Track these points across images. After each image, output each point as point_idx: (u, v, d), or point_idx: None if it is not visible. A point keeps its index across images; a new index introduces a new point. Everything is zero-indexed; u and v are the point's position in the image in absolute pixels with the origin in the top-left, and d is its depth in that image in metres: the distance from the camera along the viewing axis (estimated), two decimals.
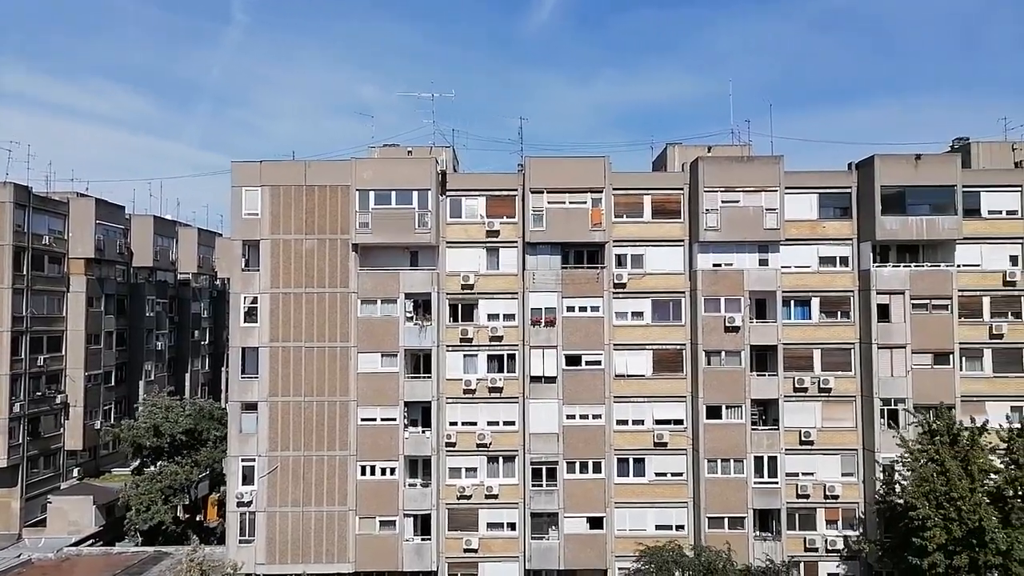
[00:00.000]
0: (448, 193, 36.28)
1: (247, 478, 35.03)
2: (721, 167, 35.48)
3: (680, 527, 35.44)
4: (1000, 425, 31.91)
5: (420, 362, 35.87)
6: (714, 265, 35.50)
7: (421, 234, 34.82)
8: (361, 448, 34.82)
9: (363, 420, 34.90)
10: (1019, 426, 31.58)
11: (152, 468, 44.94)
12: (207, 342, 67.40)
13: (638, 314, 36.10)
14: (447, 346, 35.85)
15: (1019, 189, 35.97)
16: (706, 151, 38.53)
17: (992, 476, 30.45)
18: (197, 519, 48.21)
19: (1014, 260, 35.88)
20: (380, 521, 34.68)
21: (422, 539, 34.96)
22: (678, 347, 36.02)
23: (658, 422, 35.84)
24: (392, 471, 34.80)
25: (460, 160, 42.52)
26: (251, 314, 35.33)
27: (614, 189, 35.87)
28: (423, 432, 35.33)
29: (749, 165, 35.83)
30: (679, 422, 35.82)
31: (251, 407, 35.23)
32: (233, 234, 36.06)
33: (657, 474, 35.80)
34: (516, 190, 36.14)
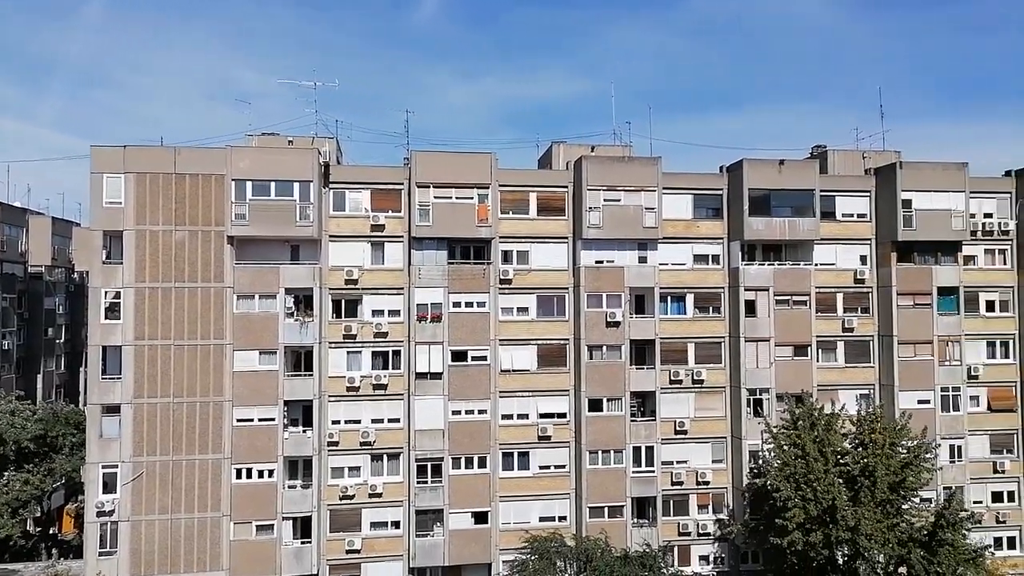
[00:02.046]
0: (331, 186, 35.24)
1: (109, 486, 32.59)
2: (603, 166, 36.49)
3: (563, 518, 36.23)
4: (849, 411, 34.74)
5: (301, 359, 34.66)
6: (596, 262, 36.47)
7: (302, 227, 33.62)
8: (237, 450, 33.23)
9: (239, 421, 33.32)
10: (867, 412, 34.56)
11: None
12: (63, 340, 61.98)
13: (523, 310, 36.54)
14: (330, 343, 34.86)
15: (868, 194, 39.27)
16: (589, 150, 39.49)
17: (844, 458, 33.11)
18: (51, 532, 44.40)
19: (863, 259, 39.16)
20: (257, 526, 33.26)
21: (302, 542, 33.83)
22: (562, 342, 36.77)
23: (542, 416, 36.44)
24: (270, 473, 33.44)
25: (344, 152, 41.41)
26: (113, 310, 32.89)
27: (501, 185, 36.08)
28: (304, 432, 34.19)
29: (630, 165, 37.06)
30: (563, 415, 36.58)
31: (113, 410, 32.82)
32: (93, 224, 33.37)
33: (541, 467, 36.40)
34: (402, 184, 35.62)
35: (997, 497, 39.63)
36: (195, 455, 33.04)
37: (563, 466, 36.51)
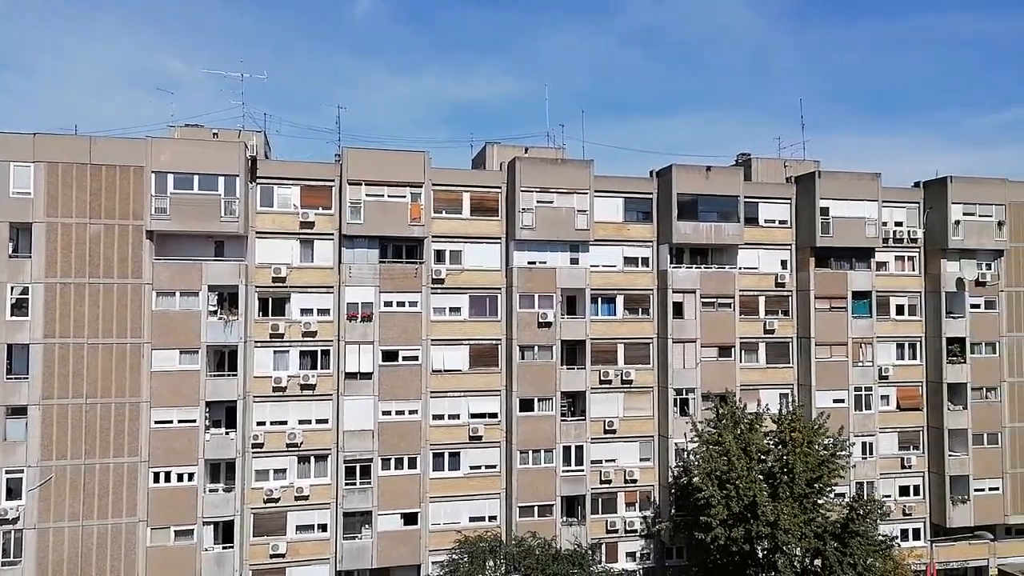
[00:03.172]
0: (259, 181, 34.30)
1: (13, 492, 30.77)
2: (537, 168, 36.75)
3: (493, 517, 36.25)
4: (770, 410, 36.00)
5: (225, 359, 33.59)
6: (529, 263, 36.69)
7: (227, 222, 32.60)
8: (155, 453, 31.92)
9: (157, 422, 32.02)
10: (787, 411, 35.88)
11: None
12: None
13: (456, 310, 36.42)
14: (255, 342, 33.90)
15: (789, 201, 40.85)
16: (523, 152, 39.72)
17: (763, 456, 34.27)
18: None
19: (784, 264, 40.70)
20: (176, 531, 32.01)
21: (223, 547, 32.76)
22: (494, 342, 36.82)
23: (474, 416, 36.39)
24: (190, 476, 32.25)
25: (273, 147, 40.41)
26: (20, 307, 31.12)
27: (434, 185, 35.88)
28: (227, 433, 33.13)
29: (563, 167, 37.45)
30: (494, 415, 36.62)
31: (19, 411, 31.04)
32: None
33: (472, 467, 36.34)
34: (333, 181, 34.98)
35: (904, 491, 41.82)
36: (109, 458, 31.56)
37: (494, 466, 36.54)
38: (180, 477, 32.19)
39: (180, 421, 32.27)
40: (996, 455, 41.78)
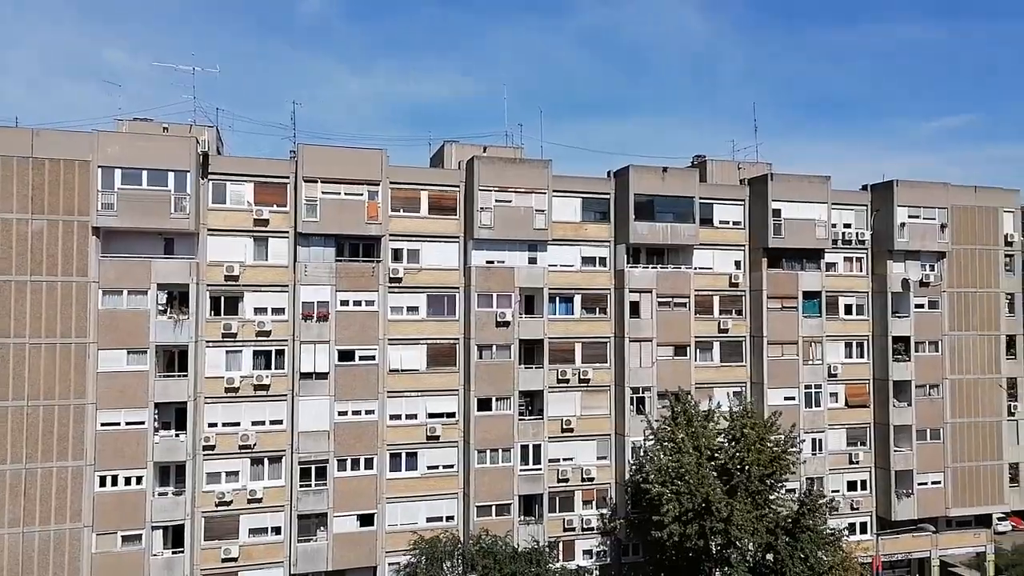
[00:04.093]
0: (211, 177, 33.54)
1: None
2: (495, 167, 36.73)
3: (450, 517, 36.11)
4: (723, 408, 36.65)
5: (175, 359, 32.76)
6: (487, 262, 36.64)
7: (178, 219, 31.80)
8: (101, 456, 30.94)
9: (104, 425, 31.05)
10: (740, 408, 36.54)
11: None
12: None
13: (413, 309, 36.17)
14: (207, 341, 33.14)
15: (743, 203, 41.63)
16: (482, 151, 39.65)
17: (716, 453, 34.84)
18: None
19: (738, 264, 41.46)
20: (123, 536, 31.08)
21: (173, 552, 31.95)
22: (452, 341, 36.67)
23: (431, 416, 36.19)
24: (139, 480, 31.35)
25: (226, 143, 39.60)
26: None
27: (391, 183, 35.58)
28: (177, 436, 32.30)
29: (521, 167, 37.50)
30: (451, 415, 36.47)
31: None
32: None
33: (429, 467, 36.13)
34: (288, 178, 34.41)
35: (852, 486, 43.00)
36: (52, 462, 30.49)
37: (451, 466, 36.39)
38: (128, 481, 31.27)
39: (128, 423, 31.35)
40: (938, 450, 43.25)
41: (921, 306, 43.09)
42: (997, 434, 44.76)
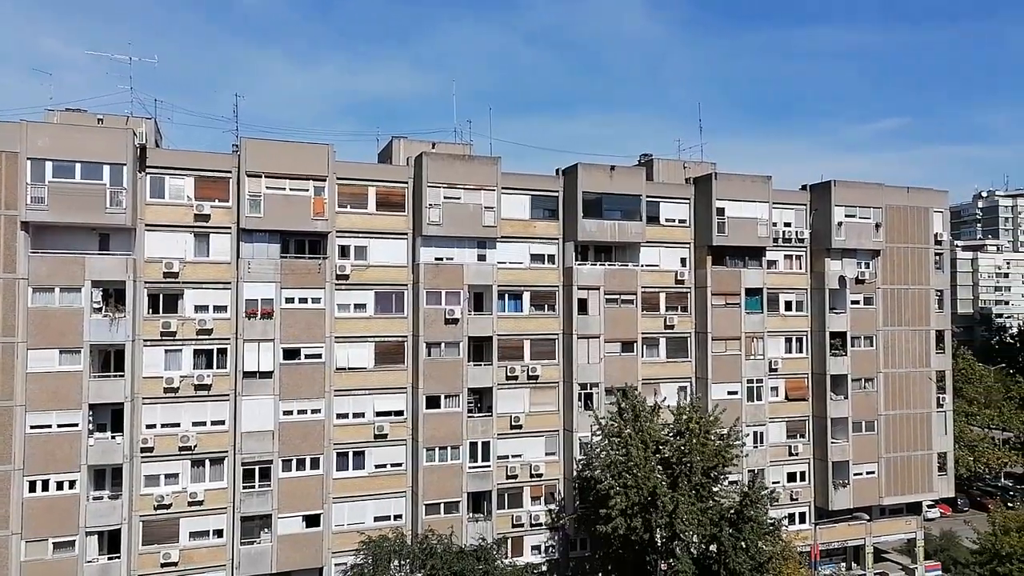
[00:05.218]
0: (149, 170, 32.48)
1: None
2: (444, 164, 36.52)
3: (399, 516, 35.86)
4: (669, 403, 37.29)
5: (111, 359, 31.64)
6: (436, 259, 36.43)
7: (113, 214, 30.68)
8: (30, 460, 29.68)
9: (33, 428, 29.80)
10: (685, 403, 37.22)
11: None
12: None
13: (361, 306, 35.74)
14: (145, 340, 32.11)
15: (688, 201, 42.38)
16: (430, 147, 39.38)
17: (662, 447, 35.42)
18: None
19: (683, 262, 42.20)
20: (55, 543, 29.89)
21: (109, 558, 30.89)
22: (400, 339, 36.36)
23: (379, 414, 35.84)
24: (72, 484, 30.19)
25: (165, 136, 38.32)
26: None
27: (338, 178, 35.04)
28: (113, 438, 31.22)
29: (470, 164, 37.38)
30: (400, 413, 36.19)
31: None
32: None
33: (377, 466, 35.79)
34: (230, 172, 33.56)
35: (792, 477, 44.33)
36: None
37: (400, 464, 36.12)
38: (60, 485, 30.09)
39: (60, 425, 30.16)
40: (872, 441, 44.92)
41: (857, 302, 44.62)
42: (927, 425, 46.70)
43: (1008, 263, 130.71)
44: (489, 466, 36.76)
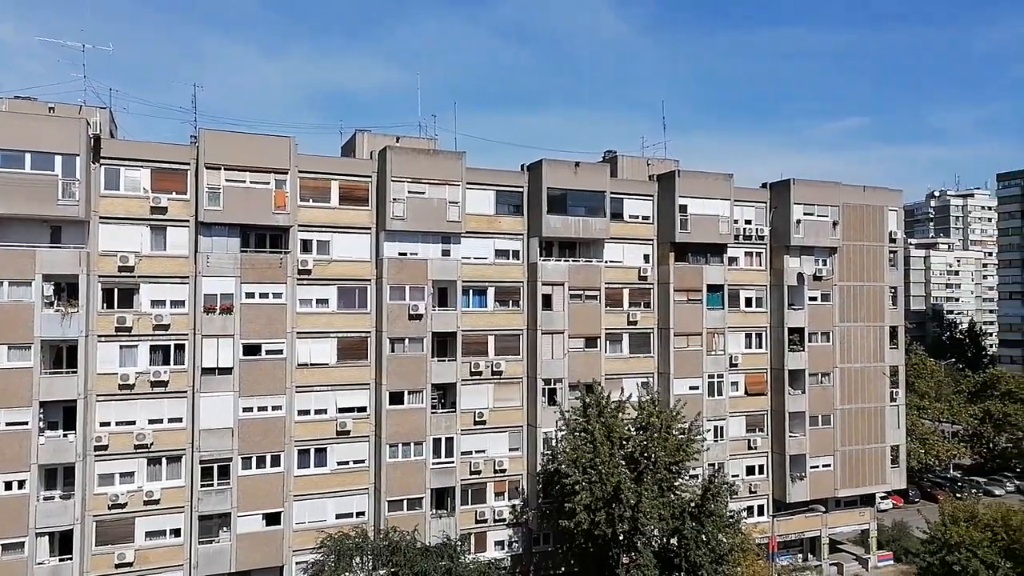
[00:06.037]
0: (103, 161, 31.60)
1: None
2: (409, 158, 36.24)
3: (361, 513, 35.57)
4: (632, 398, 37.63)
5: (63, 355, 30.78)
6: (400, 254, 36.17)
7: (66, 206, 29.79)
8: None
9: None
10: (648, 398, 37.59)
11: None
12: None
13: (323, 301, 35.32)
14: (99, 336, 31.28)
15: (652, 198, 42.76)
16: (395, 141, 39.06)
17: (625, 442, 35.75)
18: None
19: (647, 258, 42.58)
20: (3, 545, 29.00)
21: (60, 559, 30.07)
22: (363, 335, 36.03)
23: (341, 410, 35.49)
24: (21, 484, 29.31)
25: (121, 126, 37.33)
26: None
27: (300, 172, 34.54)
28: (65, 436, 30.40)
29: (435, 158, 37.15)
30: (363, 409, 35.88)
31: None
32: None
33: (339, 463, 35.44)
34: (189, 164, 32.84)
35: (750, 470, 45.14)
36: None
37: (362, 461, 35.82)
38: (8, 485, 29.22)
39: (9, 424, 29.27)
40: (829, 435, 45.98)
41: (814, 299, 45.57)
42: (881, 419, 47.98)
43: (958, 261, 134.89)
44: (453, 462, 36.67)
